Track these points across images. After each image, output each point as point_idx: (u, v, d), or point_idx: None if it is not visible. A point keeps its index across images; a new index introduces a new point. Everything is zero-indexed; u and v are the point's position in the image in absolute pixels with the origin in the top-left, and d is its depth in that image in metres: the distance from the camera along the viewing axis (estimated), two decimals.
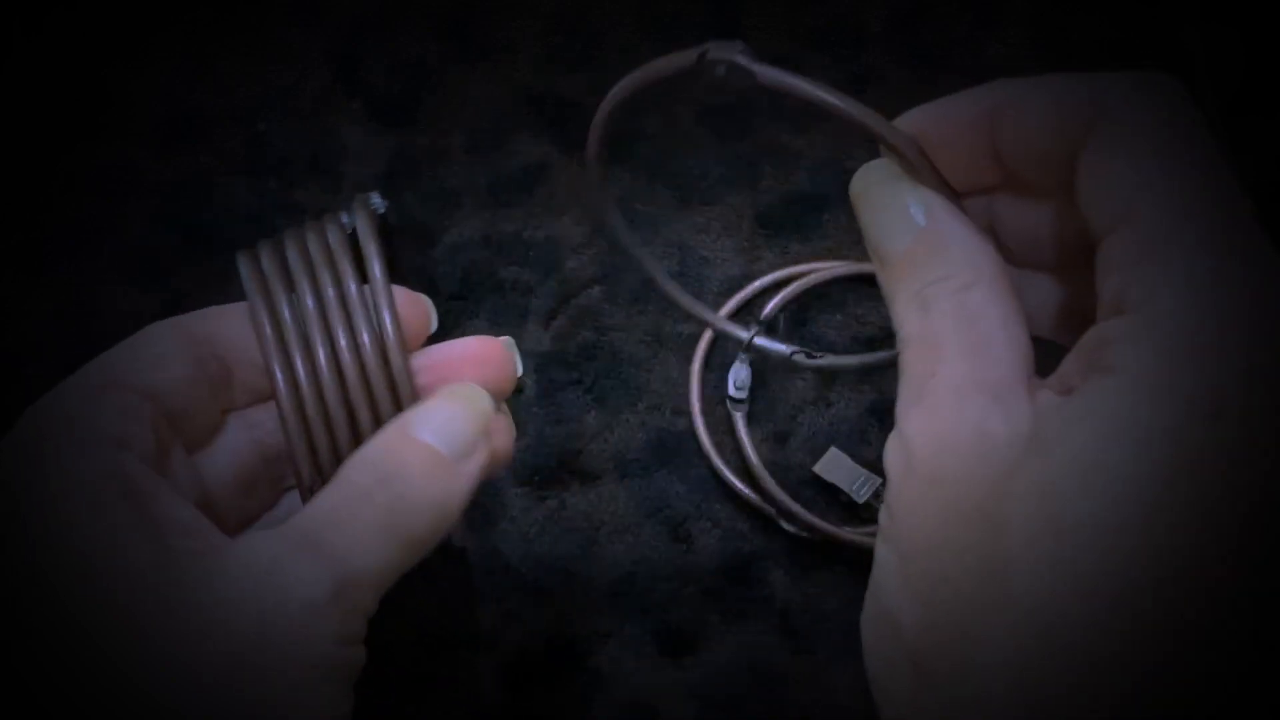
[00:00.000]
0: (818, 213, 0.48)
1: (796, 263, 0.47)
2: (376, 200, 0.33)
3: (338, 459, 0.30)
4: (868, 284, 0.47)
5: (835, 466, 0.43)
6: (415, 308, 0.32)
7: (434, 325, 0.33)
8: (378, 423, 0.30)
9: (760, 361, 0.44)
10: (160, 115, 0.48)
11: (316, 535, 0.26)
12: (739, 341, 0.39)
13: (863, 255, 0.47)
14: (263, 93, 0.49)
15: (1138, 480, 0.20)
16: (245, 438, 0.32)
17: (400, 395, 0.30)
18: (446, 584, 0.43)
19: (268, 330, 0.30)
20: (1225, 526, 0.20)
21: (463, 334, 0.46)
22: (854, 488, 0.43)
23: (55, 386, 0.29)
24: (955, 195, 0.26)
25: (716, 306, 0.46)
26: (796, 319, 0.46)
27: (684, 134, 0.49)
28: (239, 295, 0.48)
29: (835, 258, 0.47)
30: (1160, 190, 0.22)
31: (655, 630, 0.42)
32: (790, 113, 0.49)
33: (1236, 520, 0.20)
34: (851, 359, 0.41)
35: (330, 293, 0.31)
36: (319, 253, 0.31)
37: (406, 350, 0.30)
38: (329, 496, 0.27)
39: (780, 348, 0.38)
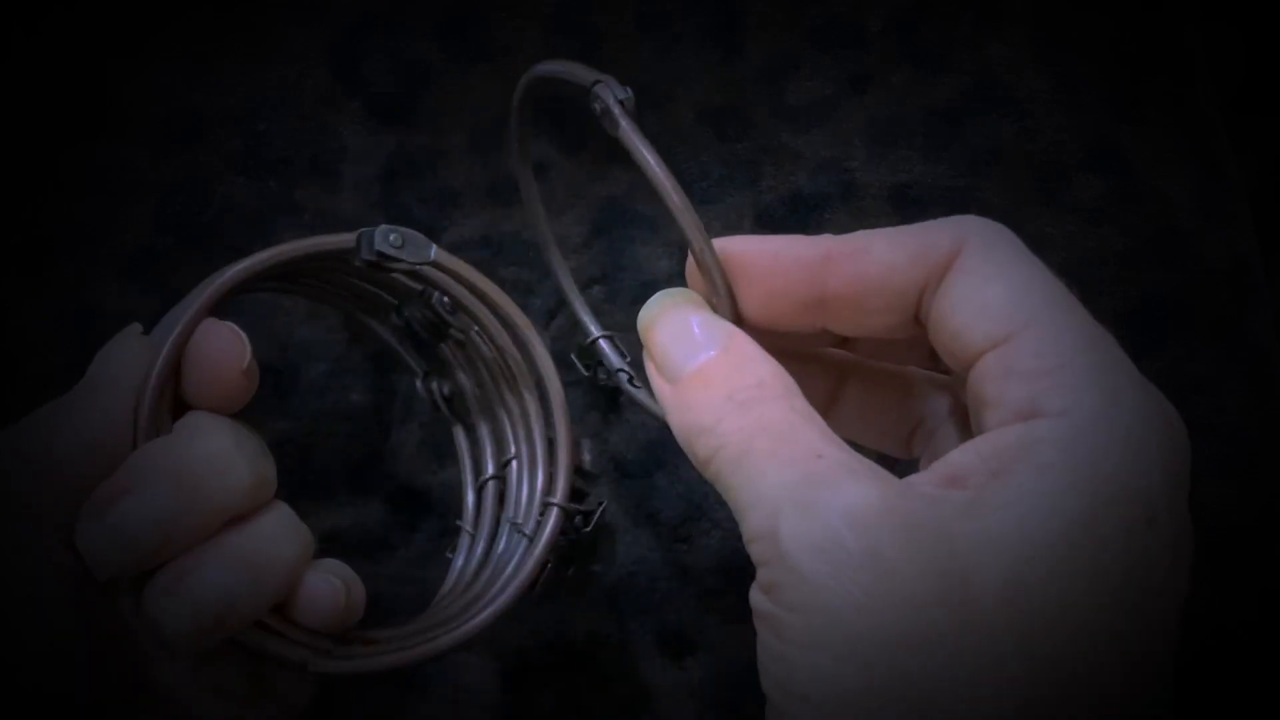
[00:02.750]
0: (818, 213, 0.48)
1: None
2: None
3: None
4: None
5: None
6: (212, 339, 0.31)
7: (245, 359, 0.31)
8: None
9: None
10: (160, 115, 0.48)
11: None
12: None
13: None
14: (263, 93, 0.49)
15: (1095, 573, 0.22)
16: None
17: None
18: None
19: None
20: (1166, 622, 0.24)
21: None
22: None
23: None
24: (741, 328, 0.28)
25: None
26: None
27: (684, 134, 0.49)
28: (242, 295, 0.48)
29: None
30: (1045, 311, 0.24)
31: (655, 630, 0.42)
32: (791, 112, 0.49)
33: (1173, 616, 0.24)
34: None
35: None
36: None
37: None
38: None
39: (615, 361, 0.37)
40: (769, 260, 0.28)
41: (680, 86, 0.49)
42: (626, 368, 0.37)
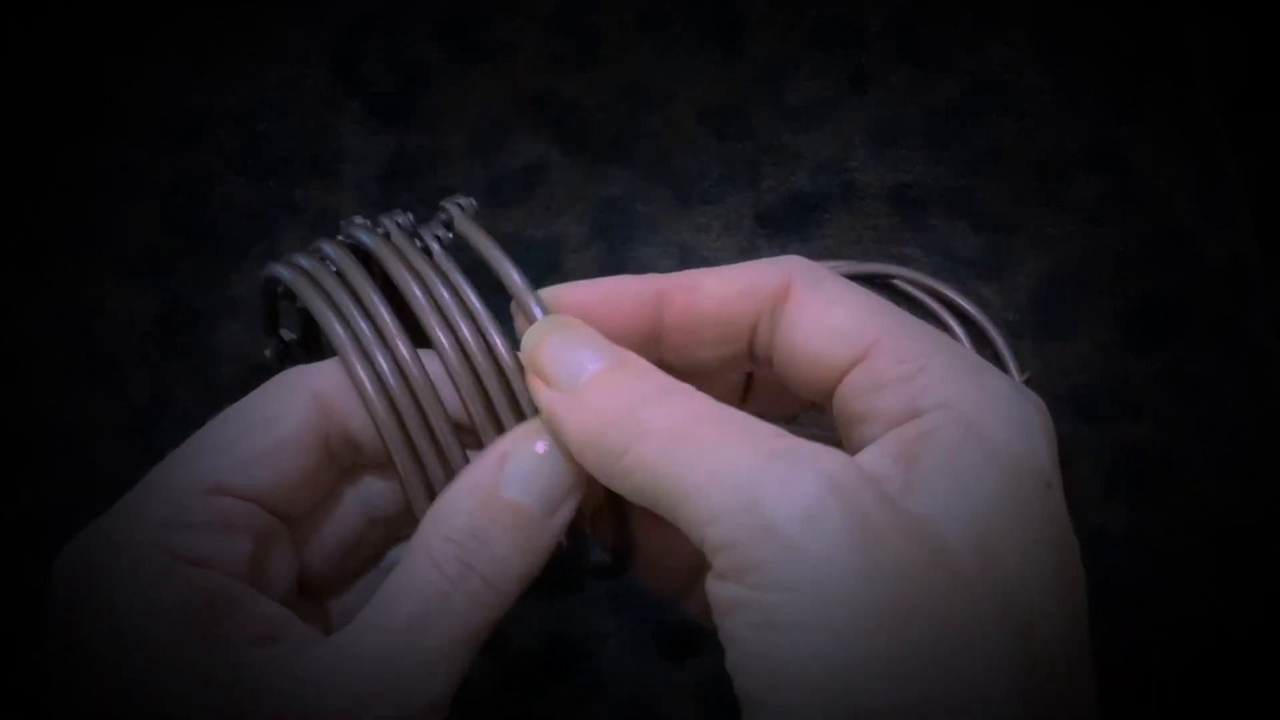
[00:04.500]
0: (818, 213, 0.48)
1: None
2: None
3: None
4: (868, 284, 0.47)
5: None
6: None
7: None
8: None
9: None
10: (160, 115, 0.48)
11: (391, 666, 0.24)
12: None
13: (862, 255, 0.47)
14: (263, 93, 0.49)
15: (1027, 533, 0.23)
16: (354, 505, 0.29)
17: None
18: None
19: (365, 383, 0.26)
20: (1076, 572, 0.24)
21: None
22: None
23: (163, 464, 0.27)
24: None
25: None
26: None
27: (684, 134, 0.49)
28: (239, 295, 0.48)
29: (835, 258, 0.47)
30: (892, 324, 0.26)
31: (655, 630, 0.42)
32: (791, 112, 0.49)
33: (1077, 571, 0.24)
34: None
35: (429, 297, 0.27)
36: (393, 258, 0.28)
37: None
38: (407, 599, 0.25)
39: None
40: (603, 301, 0.28)
41: (680, 86, 0.49)
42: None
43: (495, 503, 0.25)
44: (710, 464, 0.22)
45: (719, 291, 0.27)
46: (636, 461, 0.24)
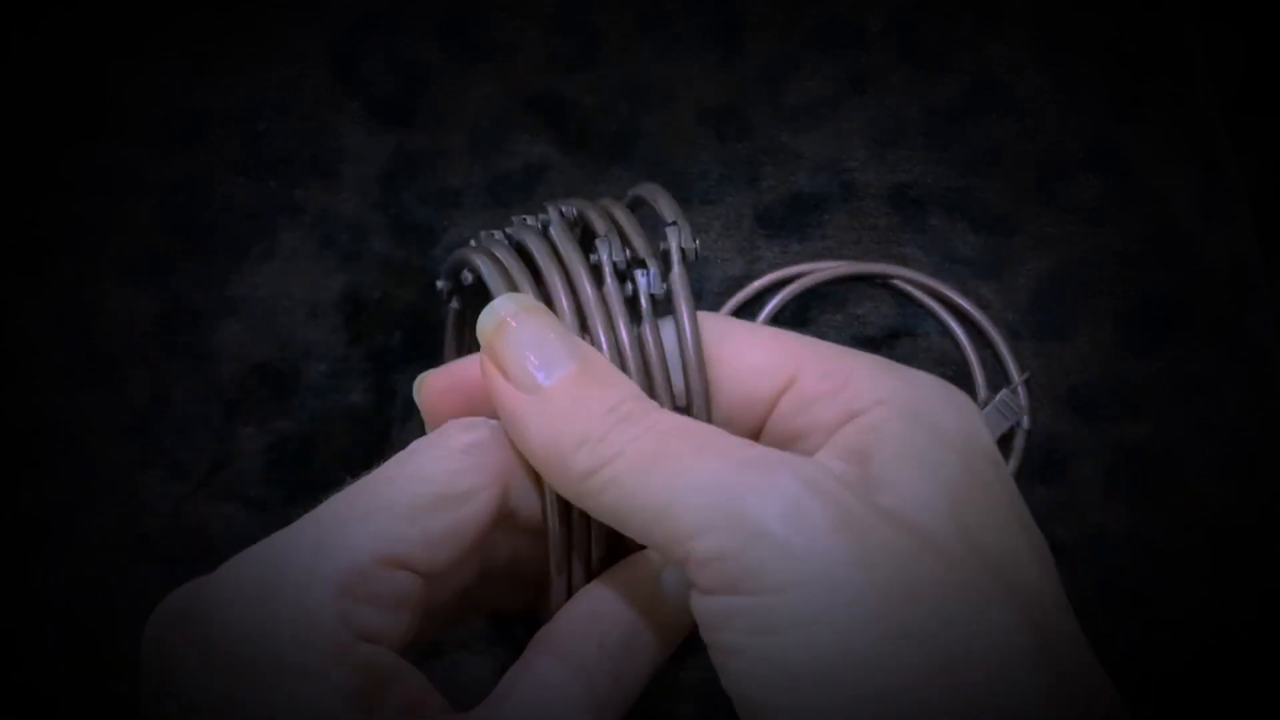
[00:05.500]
0: (818, 213, 0.48)
1: (796, 263, 0.47)
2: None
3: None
4: (868, 284, 0.47)
5: None
6: None
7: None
8: None
9: None
10: (160, 115, 0.48)
11: None
12: None
13: (862, 255, 0.47)
14: (263, 93, 0.49)
15: (993, 504, 0.24)
16: (475, 559, 0.28)
17: None
18: None
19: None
20: (1045, 548, 0.25)
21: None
22: None
23: (338, 507, 0.25)
24: None
25: (716, 306, 0.46)
26: (797, 319, 0.46)
27: (684, 134, 0.49)
28: (239, 295, 0.48)
29: (835, 258, 0.47)
30: (807, 348, 0.27)
31: None
32: (791, 112, 0.49)
33: (1043, 543, 0.25)
34: None
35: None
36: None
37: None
38: (556, 713, 0.24)
39: None
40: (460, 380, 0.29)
41: (680, 86, 0.49)
42: None
43: (658, 610, 0.25)
44: (687, 479, 0.22)
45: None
46: (608, 480, 0.23)
